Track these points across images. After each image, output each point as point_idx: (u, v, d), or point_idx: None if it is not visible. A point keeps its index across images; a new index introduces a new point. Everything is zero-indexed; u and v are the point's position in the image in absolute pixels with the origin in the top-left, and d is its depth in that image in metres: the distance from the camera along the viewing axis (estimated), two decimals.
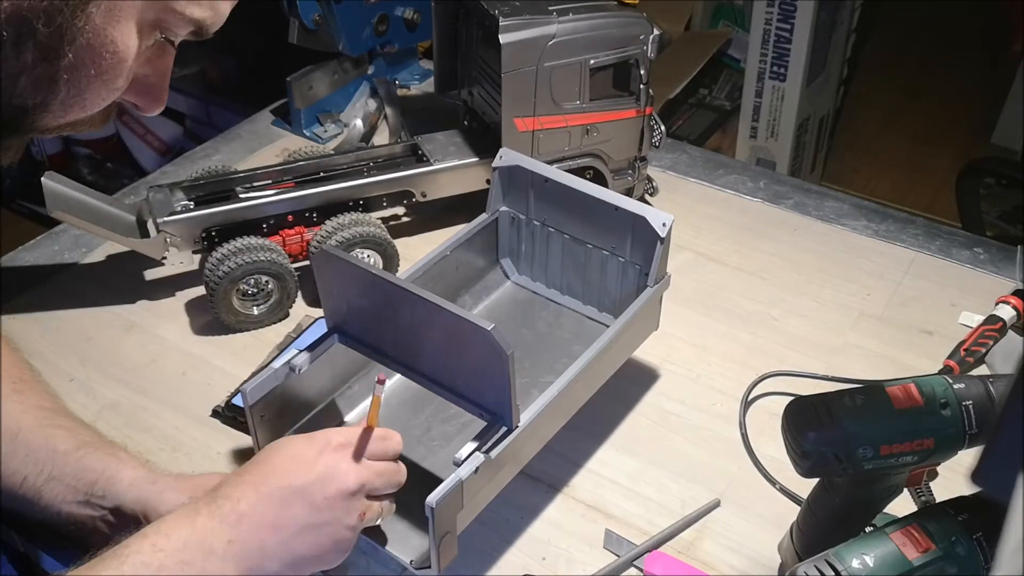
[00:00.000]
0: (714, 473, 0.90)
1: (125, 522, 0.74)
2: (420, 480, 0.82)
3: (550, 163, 1.03)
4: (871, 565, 0.62)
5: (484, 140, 1.16)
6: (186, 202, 1.06)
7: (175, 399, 0.97)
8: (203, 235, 1.04)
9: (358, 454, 0.70)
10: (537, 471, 0.88)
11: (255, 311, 1.05)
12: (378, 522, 0.74)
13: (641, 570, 0.81)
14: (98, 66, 0.54)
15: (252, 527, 0.66)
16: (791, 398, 0.70)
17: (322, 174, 1.13)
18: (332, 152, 1.20)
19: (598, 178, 1.14)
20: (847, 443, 0.66)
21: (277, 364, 0.82)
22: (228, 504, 0.66)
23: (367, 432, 0.72)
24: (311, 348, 0.84)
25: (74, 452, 0.77)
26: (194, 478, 0.78)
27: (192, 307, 1.08)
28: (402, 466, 0.74)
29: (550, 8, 1.05)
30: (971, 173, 1.98)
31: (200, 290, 1.07)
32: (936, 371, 0.99)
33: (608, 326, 0.89)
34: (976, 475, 0.37)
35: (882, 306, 1.09)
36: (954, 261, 1.15)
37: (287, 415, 0.85)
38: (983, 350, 1.00)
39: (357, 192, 1.10)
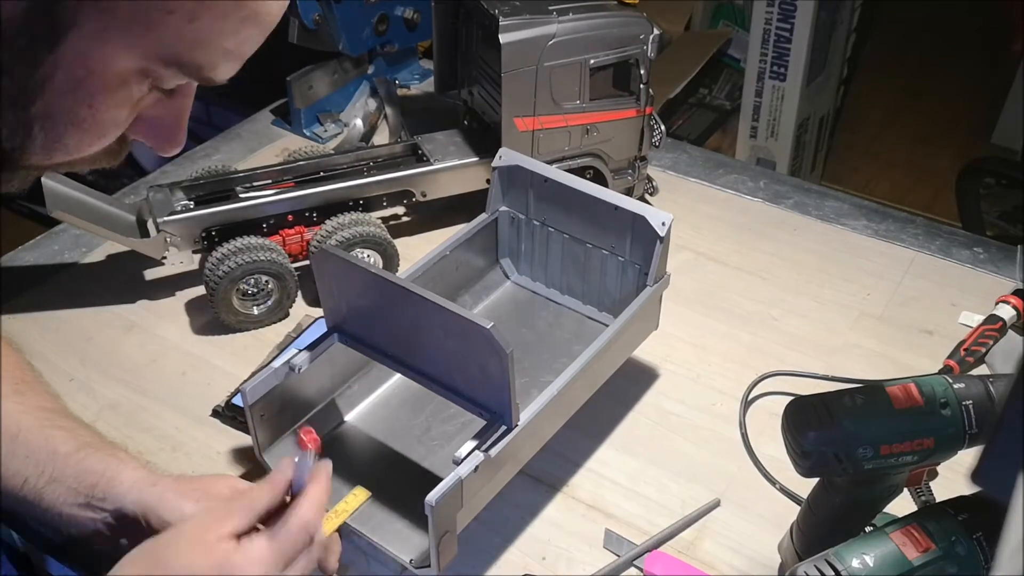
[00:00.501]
0: (714, 473, 0.90)
1: (126, 524, 0.74)
2: (420, 479, 0.82)
3: (550, 163, 1.03)
4: (871, 565, 0.62)
5: (484, 140, 1.16)
6: (186, 202, 1.06)
7: (175, 399, 0.97)
8: (203, 235, 1.04)
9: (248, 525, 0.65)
10: (537, 470, 0.88)
11: (255, 311, 1.05)
12: None
13: (641, 570, 0.81)
14: (75, 114, 0.50)
15: None
16: (791, 398, 0.70)
17: (322, 174, 1.13)
18: (332, 152, 1.20)
19: (598, 178, 1.14)
20: (847, 443, 0.66)
21: (277, 364, 0.82)
22: None
23: (280, 543, 0.66)
24: (311, 347, 0.84)
25: (75, 454, 0.77)
26: (195, 480, 0.77)
27: (192, 307, 1.08)
28: (331, 544, 0.70)
29: (550, 8, 1.05)
30: (971, 173, 1.98)
31: (200, 290, 1.07)
32: (936, 371, 0.99)
33: (608, 326, 0.89)
34: (976, 475, 0.37)
35: (882, 306, 1.09)
36: (954, 261, 1.15)
37: (287, 414, 0.85)
38: (983, 350, 1.00)
39: (357, 192, 1.10)
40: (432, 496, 0.70)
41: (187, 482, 0.77)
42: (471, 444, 0.74)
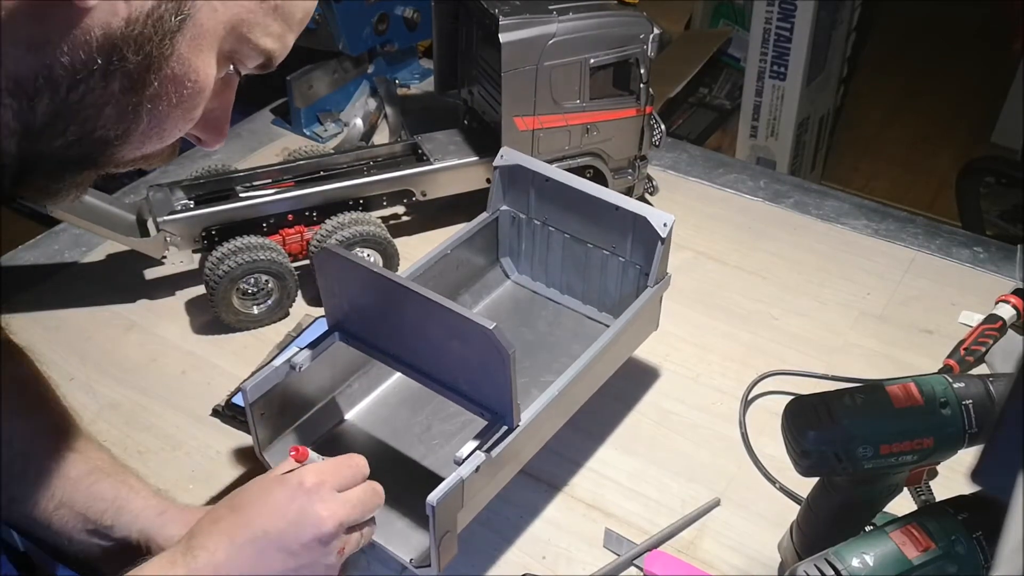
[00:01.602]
0: (714, 472, 0.90)
1: (131, 552, 0.74)
2: (420, 478, 0.82)
3: (550, 162, 1.03)
4: (871, 564, 0.62)
5: (484, 139, 1.16)
6: (186, 201, 1.06)
7: (175, 398, 0.97)
8: (203, 234, 1.04)
9: (332, 490, 0.69)
10: (537, 470, 0.88)
11: (255, 310, 1.05)
12: (360, 548, 0.73)
13: (641, 569, 0.81)
14: (180, 95, 0.55)
15: None
16: (791, 397, 0.70)
17: (322, 173, 1.13)
18: (332, 151, 1.20)
19: (598, 177, 1.14)
20: (847, 442, 0.66)
21: (278, 362, 0.82)
22: (204, 555, 0.65)
23: (336, 464, 0.71)
24: (312, 346, 0.84)
25: (85, 478, 0.76)
26: (202, 510, 0.77)
27: (192, 306, 1.08)
28: (376, 487, 0.73)
29: (550, 7, 1.05)
30: (971, 172, 1.98)
31: (200, 289, 1.07)
32: (936, 370, 0.99)
33: (608, 326, 0.89)
34: (976, 474, 0.37)
35: (882, 305, 1.09)
36: (954, 260, 1.15)
37: (287, 413, 0.85)
38: (983, 349, 1.00)
39: (357, 191, 1.10)
40: (433, 496, 0.70)
41: (194, 512, 0.76)
42: (472, 444, 0.74)
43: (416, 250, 1.10)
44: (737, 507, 0.87)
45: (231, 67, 0.58)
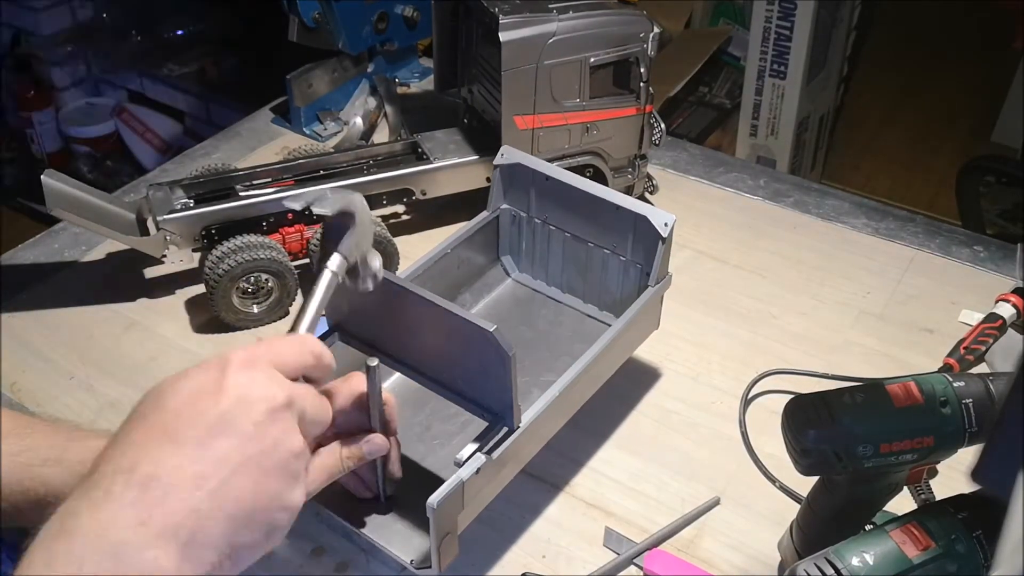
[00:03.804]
0: (714, 471, 0.90)
1: None
2: (420, 479, 0.82)
3: (550, 161, 1.03)
4: (871, 563, 0.62)
5: (484, 138, 1.16)
6: (186, 200, 1.06)
7: None
8: (203, 233, 1.04)
9: (268, 366, 0.56)
10: (538, 470, 0.88)
11: (255, 309, 1.05)
12: (345, 469, 0.63)
13: (641, 568, 0.81)
14: None
15: (167, 490, 0.49)
16: (791, 396, 0.70)
17: (322, 172, 1.13)
18: (332, 150, 1.20)
19: (598, 176, 1.14)
20: (847, 441, 0.66)
21: None
22: (122, 478, 0.50)
23: (277, 342, 0.59)
24: None
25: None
26: None
27: (192, 305, 1.08)
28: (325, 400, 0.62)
29: (550, 6, 1.05)
30: (971, 171, 1.98)
31: (200, 288, 1.07)
32: (936, 369, 0.99)
33: (608, 325, 0.89)
34: (976, 473, 0.37)
35: (882, 304, 1.09)
36: (954, 259, 1.15)
37: None
38: (983, 348, 1.00)
39: (357, 190, 1.09)
40: (434, 498, 0.70)
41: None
42: (473, 446, 0.74)
43: (416, 249, 1.10)
44: (737, 506, 0.87)
45: None
